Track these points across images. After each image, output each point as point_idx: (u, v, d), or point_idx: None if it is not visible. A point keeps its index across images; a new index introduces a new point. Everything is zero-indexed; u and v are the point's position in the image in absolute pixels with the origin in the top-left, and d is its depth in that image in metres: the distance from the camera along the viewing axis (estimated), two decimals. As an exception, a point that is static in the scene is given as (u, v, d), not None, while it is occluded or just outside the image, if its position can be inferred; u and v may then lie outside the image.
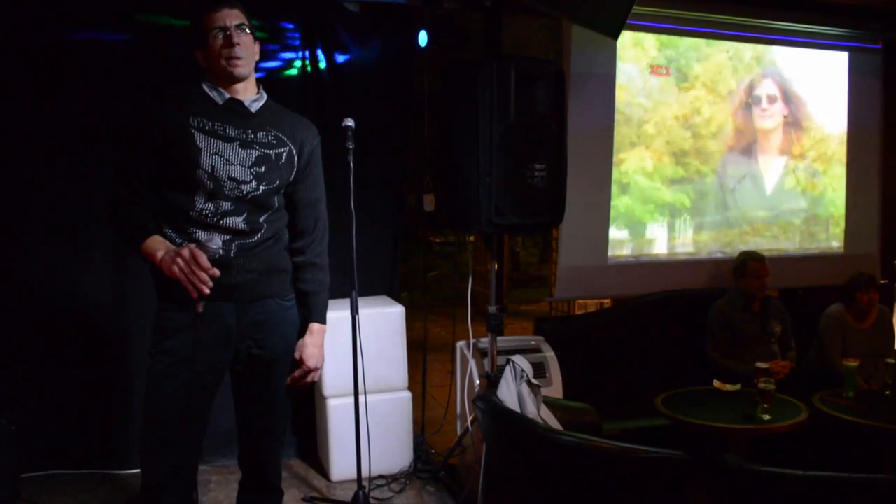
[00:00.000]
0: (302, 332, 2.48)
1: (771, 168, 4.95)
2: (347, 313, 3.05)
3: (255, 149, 2.29)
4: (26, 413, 3.58)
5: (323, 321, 2.51)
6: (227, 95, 2.28)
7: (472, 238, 4.13)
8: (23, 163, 3.66)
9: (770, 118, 4.90)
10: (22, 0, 3.55)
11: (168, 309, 2.27)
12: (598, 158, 4.45)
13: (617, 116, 4.47)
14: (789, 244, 5.06)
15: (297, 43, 4.04)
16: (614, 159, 4.50)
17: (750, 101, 4.84)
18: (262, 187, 2.28)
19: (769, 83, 4.87)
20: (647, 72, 4.55)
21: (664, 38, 4.56)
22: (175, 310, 2.25)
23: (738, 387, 3.68)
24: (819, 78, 5.01)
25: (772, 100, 4.89)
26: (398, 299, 4.23)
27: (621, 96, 4.48)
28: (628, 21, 3.13)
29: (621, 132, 4.50)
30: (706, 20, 4.53)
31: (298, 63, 4.05)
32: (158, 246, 2.18)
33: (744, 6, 4.56)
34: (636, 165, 4.59)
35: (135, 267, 3.55)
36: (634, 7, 3.11)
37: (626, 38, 4.46)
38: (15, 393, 3.58)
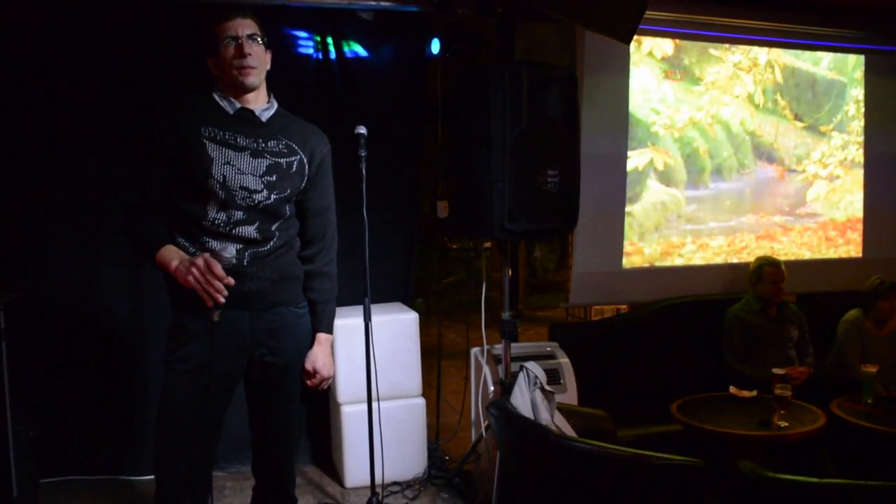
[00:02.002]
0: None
1: (788, 172, 4.91)
2: (361, 320, 3.06)
3: (266, 158, 2.30)
4: (44, 419, 3.62)
5: (330, 331, 2.53)
6: (238, 105, 2.29)
7: (488, 244, 4.13)
8: (40, 172, 3.70)
9: (785, 120, 4.87)
10: (42, 10, 3.60)
11: (182, 317, 2.29)
12: (612, 164, 4.43)
13: (630, 121, 4.46)
14: (806, 249, 5.02)
15: (311, 51, 4.06)
16: (628, 164, 4.48)
17: (766, 105, 4.81)
18: (273, 196, 2.29)
19: (784, 86, 4.84)
20: (660, 76, 4.53)
21: (678, 42, 4.54)
22: (189, 318, 2.26)
23: (754, 393, 3.64)
24: (834, 80, 4.97)
25: (786, 102, 4.85)
26: (412, 305, 4.23)
27: (635, 101, 4.46)
28: (640, 26, 3.11)
29: (634, 137, 4.49)
30: (719, 24, 4.51)
31: (312, 71, 4.07)
32: (172, 255, 2.20)
33: (757, 9, 4.53)
34: (649, 170, 4.57)
35: (150, 276, 3.57)
36: (647, 12, 3.10)
37: (639, 43, 4.45)
38: (33, 400, 3.61)
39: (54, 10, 3.61)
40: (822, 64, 4.92)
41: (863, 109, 5.04)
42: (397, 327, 3.88)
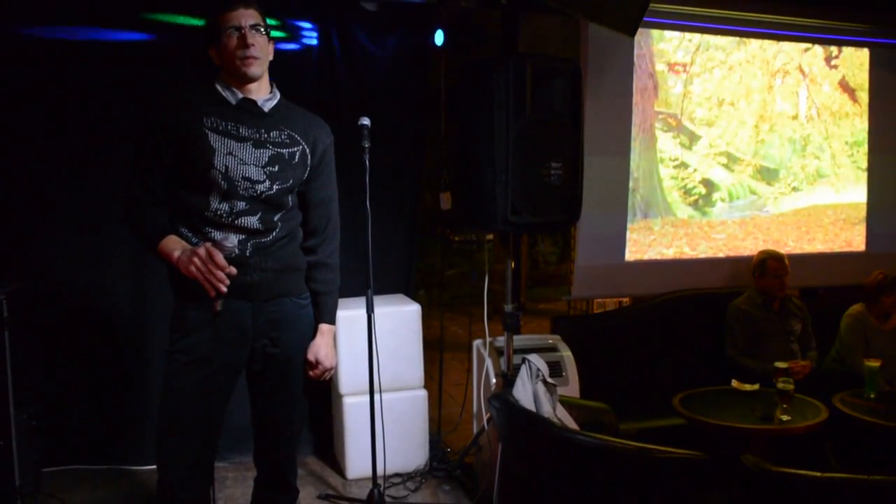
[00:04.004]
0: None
1: (792, 165, 4.90)
2: (363, 311, 3.05)
3: (269, 148, 2.29)
4: (47, 409, 3.62)
5: (332, 321, 2.52)
6: (241, 95, 2.28)
7: (490, 236, 4.12)
8: (43, 164, 3.70)
9: (792, 112, 4.85)
10: (42, 1, 3.59)
11: (185, 308, 2.28)
12: (616, 156, 4.42)
13: (634, 109, 4.44)
14: (809, 243, 5.01)
15: (315, 42, 4.05)
16: (632, 155, 4.47)
17: (774, 98, 4.79)
18: (275, 187, 2.28)
19: (791, 79, 4.81)
20: (665, 69, 4.52)
21: (686, 35, 4.53)
22: (192, 308, 2.26)
23: (756, 387, 3.64)
24: (843, 72, 4.95)
25: (796, 95, 4.84)
26: (414, 297, 4.23)
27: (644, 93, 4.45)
28: (645, 18, 3.10)
29: (641, 128, 4.47)
30: (723, 17, 4.49)
31: (315, 62, 4.05)
32: (175, 246, 2.20)
33: (763, 2, 4.51)
34: (652, 163, 4.56)
35: (153, 266, 3.57)
36: (651, 4, 3.08)
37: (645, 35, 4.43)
38: (35, 389, 3.61)
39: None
40: (831, 56, 4.89)
41: (867, 101, 5.01)
42: (399, 319, 3.88)
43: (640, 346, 4.37)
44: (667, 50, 4.52)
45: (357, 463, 3.76)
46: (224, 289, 2.13)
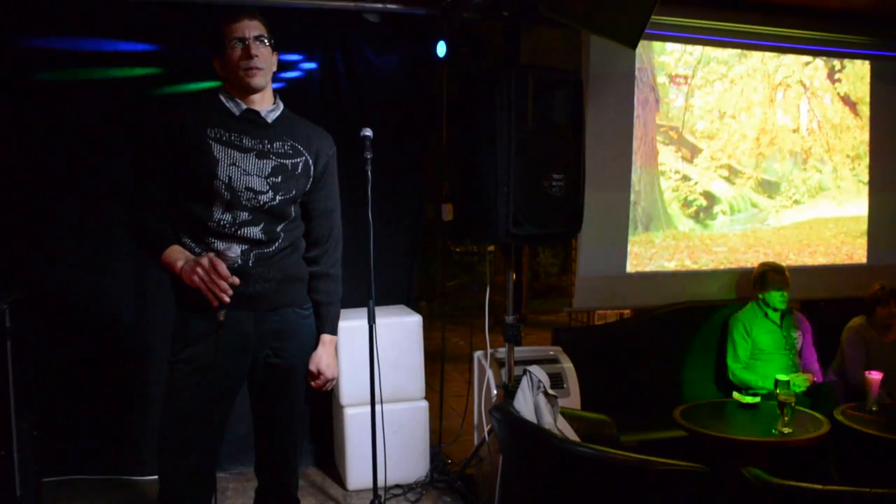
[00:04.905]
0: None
1: (794, 178, 4.91)
2: (365, 322, 3.06)
3: (272, 159, 2.30)
4: (48, 418, 3.62)
5: (334, 332, 2.53)
6: (244, 106, 2.29)
7: (491, 248, 4.13)
8: (47, 173, 3.71)
9: (793, 125, 4.86)
10: (46, 10, 3.61)
11: (187, 317, 2.29)
12: (617, 168, 4.43)
13: (636, 122, 4.45)
14: (810, 256, 5.01)
15: (318, 53, 4.07)
16: (633, 167, 4.48)
17: (775, 111, 4.80)
18: (278, 197, 2.29)
19: (792, 92, 4.83)
20: (666, 81, 4.53)
21: (687, 47, 4.55)
22: (194, 318, 2.27)
23: (758, 399, 3.64)
24: (845, 86, 4.96)
25: (797, 108, 4.85)
26: (416, 308, 4.23)
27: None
28: (647, 31, 3.12)
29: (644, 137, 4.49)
30: (725, 29, 4.50)
31: (318, 73, 4.07)
32: (178, 256, 2.21)
33: (764, 15, 4.53)
34: (654, 176, 4.57)
35: (155, 276, 3.59)
36: (653, 17, 3.09)
37: (647, 48, 4.45)
38: (37, 398, 3.61)
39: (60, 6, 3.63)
40: (832, 68, 4.91)
41: (868, 115, 5.02)
42: (400, 330, 3.88)
43: (642, 357, 4.37)
44: (668, 63, 4.54)
45: (358, 474, 3.76)
46: (227, 299, 2.13)
